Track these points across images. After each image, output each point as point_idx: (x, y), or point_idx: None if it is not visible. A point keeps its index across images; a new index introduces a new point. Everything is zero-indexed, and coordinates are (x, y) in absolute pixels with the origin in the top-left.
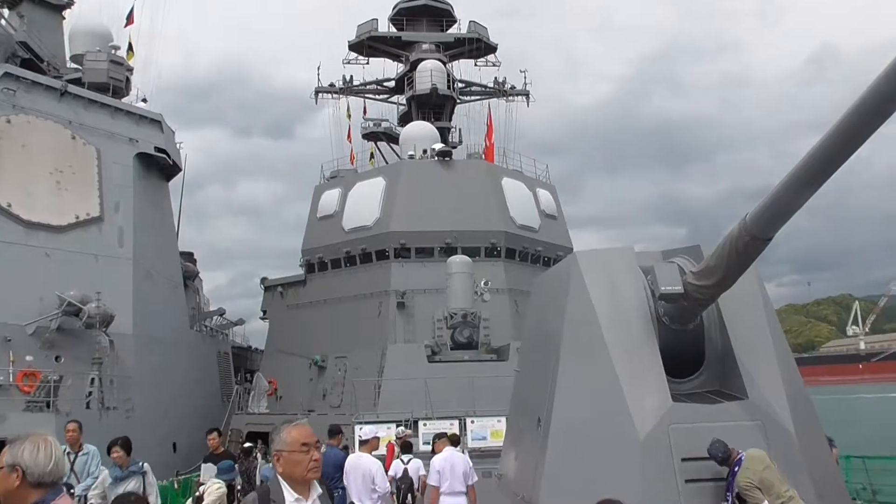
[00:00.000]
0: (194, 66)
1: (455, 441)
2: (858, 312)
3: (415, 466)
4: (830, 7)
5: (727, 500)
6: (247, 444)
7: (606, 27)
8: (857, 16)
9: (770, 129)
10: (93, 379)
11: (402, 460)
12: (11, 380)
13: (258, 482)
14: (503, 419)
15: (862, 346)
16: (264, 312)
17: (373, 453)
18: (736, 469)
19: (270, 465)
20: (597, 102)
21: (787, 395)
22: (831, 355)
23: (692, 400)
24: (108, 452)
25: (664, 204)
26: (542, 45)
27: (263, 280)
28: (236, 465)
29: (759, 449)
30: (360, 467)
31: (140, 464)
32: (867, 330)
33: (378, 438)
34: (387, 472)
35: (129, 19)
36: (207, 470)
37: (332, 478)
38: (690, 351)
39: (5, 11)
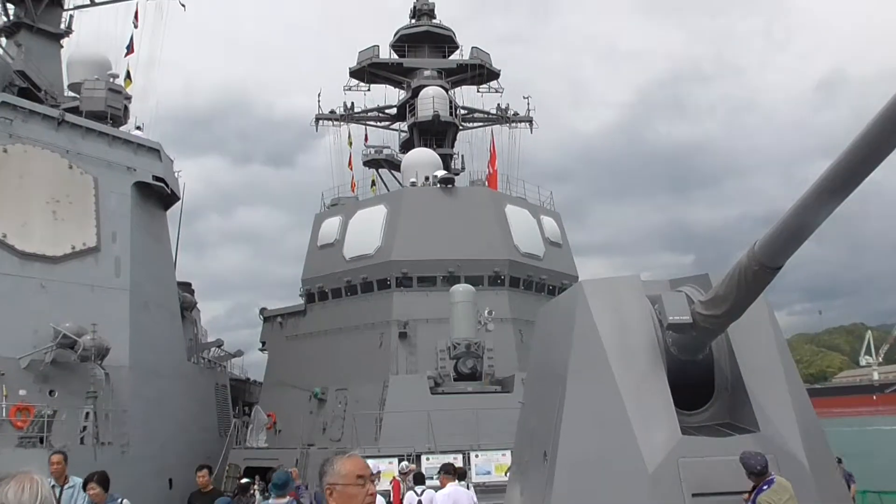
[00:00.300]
0: (195, 94)
1: (461, 475)
2: (871, 342)
3: (428, 498)
4: (840, 31)
5: None
6: (244, 480)
7: (611, 53)
8: (867, 40)
9: (779, 155)
10: (87, 413)
11: (415, 492)
12: (4, 415)
13: None
14: (508, 453)
15: (875, 376)
16: (263, 344)
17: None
18: (764, 487)
19: (270, 501)
20: (602, 128)
21: (800, 427)
22: (844, 386)
23: (702, 433)
24: (84, 488)
25: (671, 230)
26: (548, 71)
27: (262, 310)
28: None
29: (787, 481)
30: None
31: (119, 500)
32: (881, 360)
33: (379, 472)
34: None
35: (130, 49)
36: None
37: None
38: (699, 382)
39: (3, 40)
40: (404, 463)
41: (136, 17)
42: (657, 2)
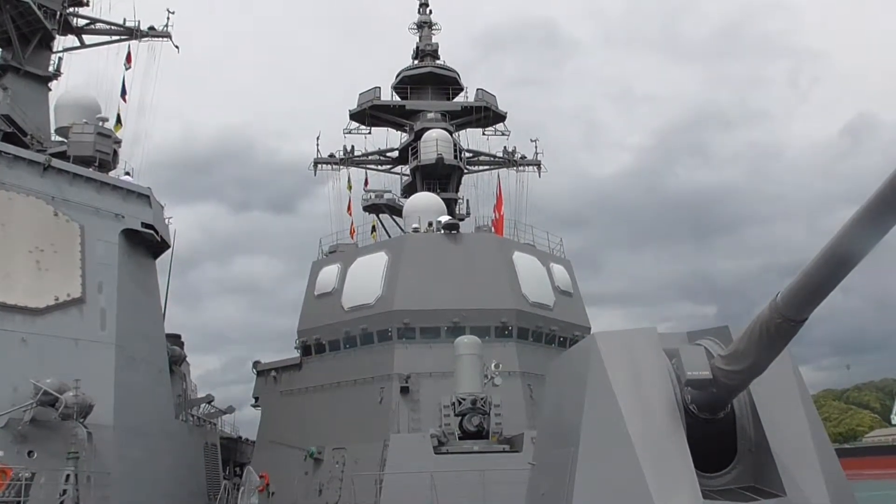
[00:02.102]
0: (195, 140)
1: None
2: None
3: None
4: (866, 75)
5: None
6: None
7: (627, 95)
8: (894, 83)
9: (803, 202)
10: (68, 476)
11: None
12: None
13: None
14: None
15: None
16: (256, 399)
17: None
18: None
19: None
20: (619, 173)
21: (829, 491)
22: (875, 446)
23: (725, 497)
24: None
25: (691, 280)
26: (562, 114)
27: (255, 364)
28: None
29: None
30: None
31: None
32: None
33: None
34: None
35: (124, 93)
36: None
37: None
38: (721, 443)
39: None
40: None
41: (128, 58)
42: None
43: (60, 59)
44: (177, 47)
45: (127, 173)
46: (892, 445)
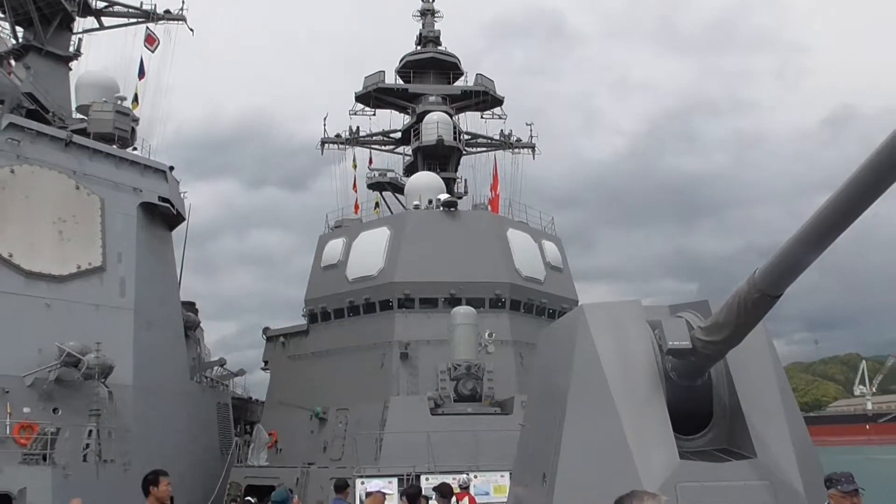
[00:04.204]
0: (216, 121)
1: (446, 492)
2: (865, 372)
3: None
4: (851, 68)
5: None
6: (248, 498)
7: (623, 84)
8: (877, 76)
9: (784, 188)
10: (90, 431)
11: None
12: (8, 432)
13: None
14: (507, 474)
15: (869, 406)
16: (265, 363)
17: None
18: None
19: None
20: (613, 157)
21: (797, 454)
22: (838, 415)
23: (700, 458)
24: None
25: (676, 258)
26: (562, 101)
27: (265, 330)
28: None
29: None
30: None
31: None
32: (874, 390)
33: (383, 494)
34: None
35: (142, 73)
36: None
37: None
38: (698, 407)
39: (12, 63)
40: (463, 476)
41: (148, 40)
42: (672, 37)
43: (80, 39)
44: (191, 30)
45: (134, 149)
46: (853, 414)
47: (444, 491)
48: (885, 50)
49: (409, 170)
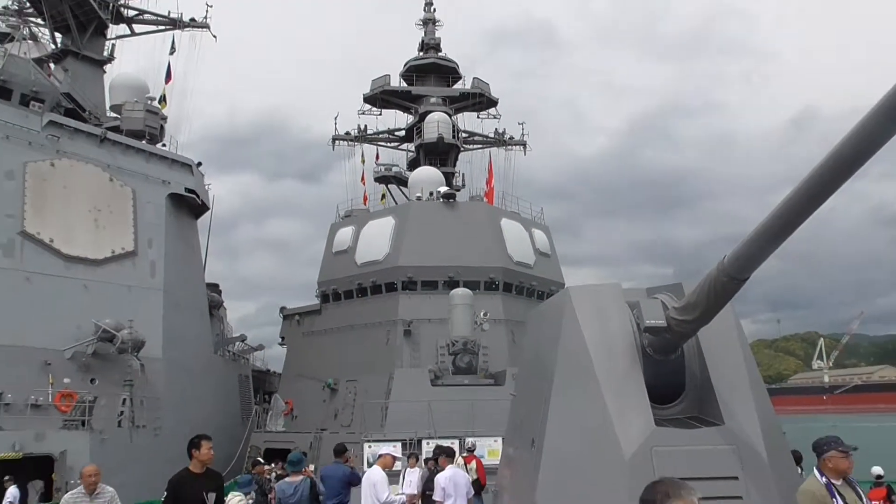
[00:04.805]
0: (237, 120)
1: (451, 453)
2: (823, 348)
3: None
4: (813, 73)
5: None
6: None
7: (608, 87)
8: (838, 81)
9: (751, 182)
10: (125, 399)
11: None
12: (51, 400)
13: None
14: (500, 439)
15: (826, 379)
16: (282, 339)
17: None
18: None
19: (286, 478)
20: (597, 153)
21: (760, 421)
22: (798, 387)
23: (673, 425)
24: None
25: (654, 246)
26: (552, 102)
27: (282, 309)
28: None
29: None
30: (369, 479)
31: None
32: (831, 364)
33: (392, 457)
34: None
35: (168, 76)
36: None
37: (339, 493)
38: (672, 380)
39: (52, 66)
40: (471, 440)
41: (172, 45)
42: (653, 43)
43: (114, 45)
44: (214, 37)
45: (163, 144)
46: (812, 387)
47: (449, 452)
48: (844, 56)
49: (412, 165)
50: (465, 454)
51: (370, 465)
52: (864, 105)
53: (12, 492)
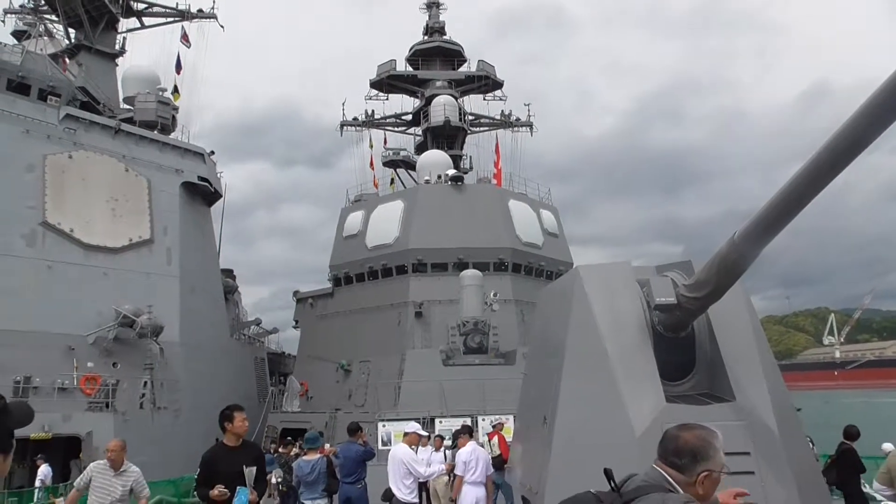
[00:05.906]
0: (249, 109)
1: (469, 431)
2: (834, 324)
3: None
4: (825, 46)
5: None
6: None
7: (615, 66)
8: (850, 53)
9: (762, 158)
10: (145, 382)
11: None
12: (75, 383)
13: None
14: (511, 417)
15: (837, 354)
16: (296, 322)
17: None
18: None
19: (304, 456)
20: (604, 134)
21: (771, 397)
22: (808, 363)
23: (684, 401)
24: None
25: (663, 225)
26: (559, 83)
27: (296, 293)
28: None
29: None
30: (396, 457)
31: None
32: (842, 340)
33: (418, 435)
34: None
35: (178, 67)
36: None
37: (353, 472)
38: (682, 357)
39: (66, 61)
40: (500, 419)
41: (184, 37)
42: (661, 20)
43: (125, 38)
44: (222, 27)
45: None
46: (821, 362)
47: (467, 430)
48: (856, 28)
49: (420, 148)
50: (489, 431)
51: (384, 444)
52: (878, 77)
53: (44, 470)
